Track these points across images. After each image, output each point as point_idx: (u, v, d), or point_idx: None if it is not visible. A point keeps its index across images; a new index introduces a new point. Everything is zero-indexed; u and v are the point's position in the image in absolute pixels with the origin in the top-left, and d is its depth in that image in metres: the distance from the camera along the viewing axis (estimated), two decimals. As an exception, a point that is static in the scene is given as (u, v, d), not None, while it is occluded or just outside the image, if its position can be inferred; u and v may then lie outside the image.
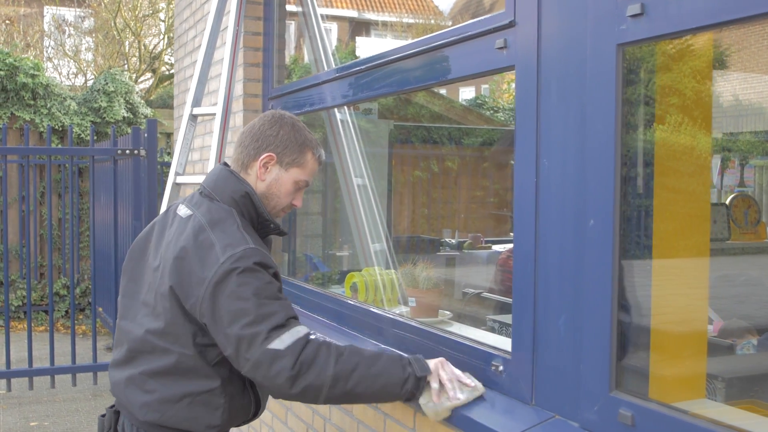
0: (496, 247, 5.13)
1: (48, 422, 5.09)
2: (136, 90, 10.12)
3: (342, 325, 2.78)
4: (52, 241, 6.37)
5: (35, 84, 8.42)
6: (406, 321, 2.37)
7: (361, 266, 3.47)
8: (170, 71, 13.96)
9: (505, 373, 1.86)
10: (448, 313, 2.75)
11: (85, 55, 14.55)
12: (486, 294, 3.27)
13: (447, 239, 5.58)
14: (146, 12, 14.28)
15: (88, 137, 7.28)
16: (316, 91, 3.11)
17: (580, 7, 1.62)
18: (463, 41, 2.05)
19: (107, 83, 9.04)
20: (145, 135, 5.81)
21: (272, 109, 2.86)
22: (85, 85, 13.31)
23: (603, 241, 1.55)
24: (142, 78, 14.39)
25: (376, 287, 3.04)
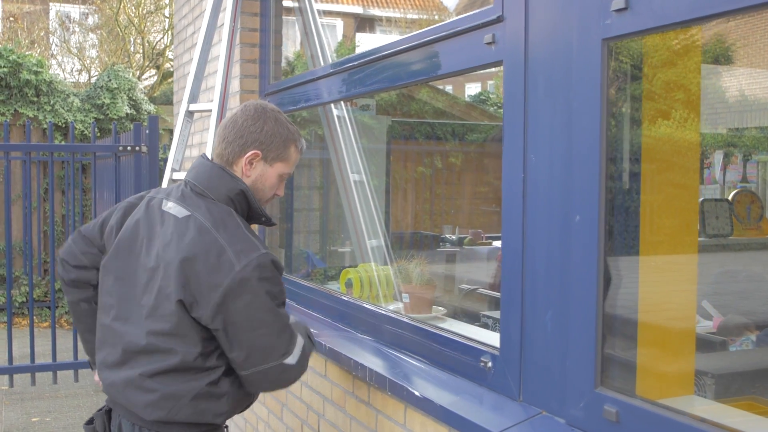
0: (496, 243, 5.11)
1: (50, 418, 5.11)
2: (140, 87, 10.13)
3: (335, 321, 2.78)
4: (55, 237, 6.38)
5: (38, 81, 8.44)
6: (397, 317, 2.37)
7: (358, 262, 3.47)
8: (173, 68, 13.96)
9: (493, 369, 1.85)
10: (442, 309, 2.75)
11: (89, 51, 14.58)
12: (482, 290, 3.27)
13: (448, 235, 5.57)
14: (150, 8, 14.30)
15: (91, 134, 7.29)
16: (312, 87, 3.11)
17: (567, 2, 1.61)
18: (452, 36, 2.05)
19: (110, 80, 9.05)
20: (147, 131, 5.80)
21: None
22: (88, 81, 13.33)
23: (589, 237, 1.55)
24: (146, 75, 14.41)
25: (371, 283, 3.04)
